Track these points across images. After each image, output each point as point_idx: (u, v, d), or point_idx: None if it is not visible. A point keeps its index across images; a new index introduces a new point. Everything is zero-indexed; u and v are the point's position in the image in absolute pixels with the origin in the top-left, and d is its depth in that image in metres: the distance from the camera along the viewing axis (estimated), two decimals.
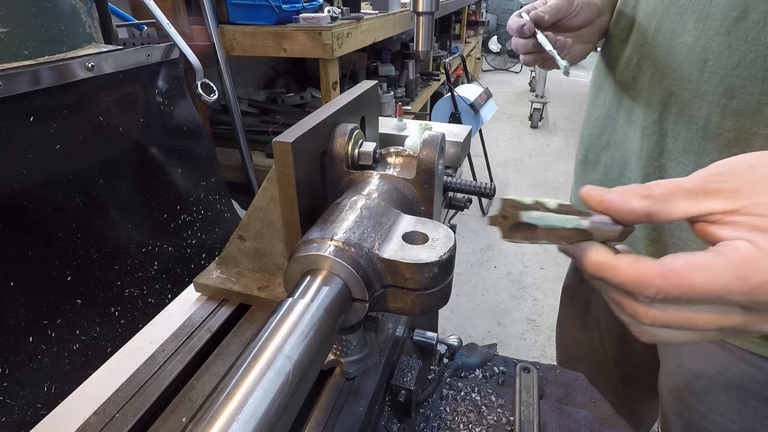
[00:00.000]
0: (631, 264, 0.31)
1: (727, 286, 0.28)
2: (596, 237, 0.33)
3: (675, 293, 0.29)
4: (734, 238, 0.29)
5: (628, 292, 0.31)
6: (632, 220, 0.32)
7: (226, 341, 0.58)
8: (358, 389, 0.51)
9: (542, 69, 0.90)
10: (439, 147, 0.50)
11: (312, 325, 0.35)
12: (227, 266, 0.68)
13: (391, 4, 2.20)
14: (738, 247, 0.28)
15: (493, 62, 7.64)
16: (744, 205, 0.29)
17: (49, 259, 0.86)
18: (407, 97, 2.96)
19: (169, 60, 1.13)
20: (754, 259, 0.28)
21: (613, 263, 0.31)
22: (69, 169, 0.89)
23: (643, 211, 0.31)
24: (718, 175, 0.31)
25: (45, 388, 0.82)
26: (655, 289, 0.29)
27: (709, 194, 0.30)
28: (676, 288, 0.29)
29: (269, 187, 0.59)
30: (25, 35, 0.83)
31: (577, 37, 0.75)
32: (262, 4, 1.57)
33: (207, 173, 1.24)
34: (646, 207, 0.31)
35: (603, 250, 0.33)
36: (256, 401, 0.29)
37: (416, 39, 0.66)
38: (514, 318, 2.36)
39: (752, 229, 0.28)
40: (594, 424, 0.61)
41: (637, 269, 0.30)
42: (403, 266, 0.39)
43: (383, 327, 0.59)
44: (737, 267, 0.28)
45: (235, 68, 1.77)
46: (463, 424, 0.62)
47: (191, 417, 0.29)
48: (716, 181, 0.31)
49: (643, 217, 0.31)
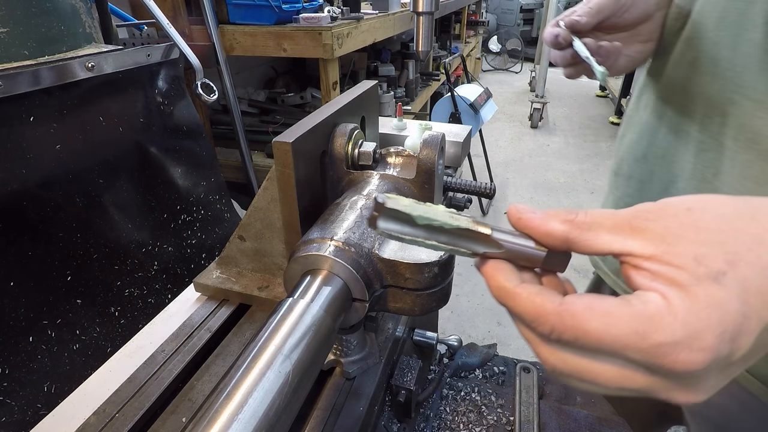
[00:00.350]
0: (531, 295, 0.28)
1: (622, 339, 0.25)
2: (518, 260, 0.31)
3: (568, 336, 0.26)
4: (648, 288, 0.26)
5: (528, 325, 0.29)
6: (550, 244, 0.30)
7: (226, 341, 0.58)
8: (358, 389, 0.51)
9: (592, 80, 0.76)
10: (439, 147, 0.50)
11: (312, 325, 0.35)
12: (227, 266, 0.68)
13: (391, 4, 2.20)
14: (647, 300, 0.25)
15: (493, 62, 7.64)
16: (665, 252, 0.26)
17: (49, 259, 0.86)
18: (407, 97, 2.96)
19: (169, 60, 1.13)
20: (658, 316, 0.24)
21: (514, 291, 0.29)
22: (69, 169, 0.89)
23: (562, 236, 0.29)
24: (648, 212, 0.28)
25: (45, 388, 0.82)
26: (549, 327, 0.27)
27: (634, 232, 0.27)
28: (569, 330, 0.26)
29: (269, 187, 0.59)
30: (25, 35, 0.84)
31: (633, 36, 0.64)
32: (262, 4, 1.57)
33: (207, 173, 1.24)
34: (565, 232, 0.29)
35: (509, 273, 0.30)
36: (256, 401, 0.29)
37: (416, 39, 0.66)
38: None
39: (668, 281, 0.25)
40: (594, 424, 0.61)
41: (534, 301, 0.28)
42: (403, 266, 0.39)
43: (383, 327, 0.59)
44: (637, 321, 0.25)
45: (235, 68, 1.77)
46: (463, 424, 0.62)
47: (191, 417, 0.29)
48: (644, 219, 0.27)
49: (562, 242, 0.29)
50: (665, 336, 0.24)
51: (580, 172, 3.86)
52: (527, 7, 7.82)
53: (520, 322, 0.30)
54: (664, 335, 0.24)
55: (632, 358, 0.25)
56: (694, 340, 0.24)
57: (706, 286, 0.24)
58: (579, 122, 5.10)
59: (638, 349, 0.25)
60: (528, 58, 7.36)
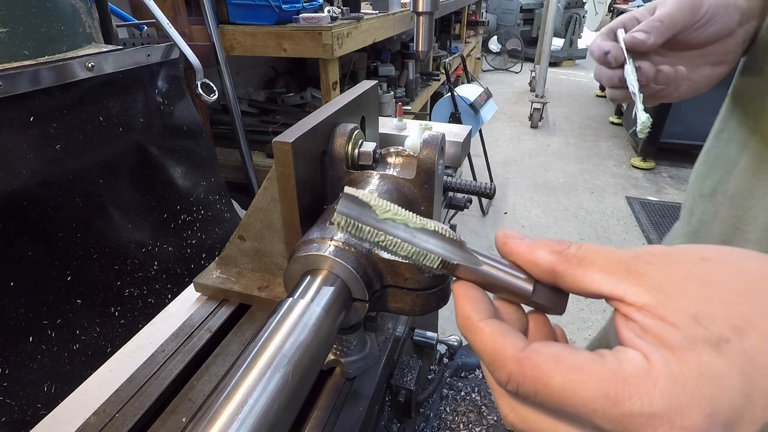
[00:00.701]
0: (494, 333, 0.25)
1: (590, 402, 0.21)
2: (498, 290, 0.28)
3: (527, 389, 0.23)
4: (631, 345, 0.22)
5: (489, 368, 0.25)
6: (535, 273, 0.26)
7: (226, 341, 0.58)
8: (358, 389, 0.51)
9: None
10: (439, 147, 0.50)
11: (312, 325, 0.35)
12: (227, 266, 0.68)
13: (391, 4, 2.20)
14: (626, 359, 0.21)
15: (493, 62, 7.64)
16: (660, 303, 0.22)
17: (49, 259, 0.86)
18: (407, 97, 2.96)
19: (169, 60, 1.13)
20: (634, 379, 0.20)
21: (476, 325, 0.26)
22: (69, 169, 0.89)
23: (548, 267, 0.25)
24: (651, 255, 0.24)
25: (45, 388, 0.82)
26: (506, 375, 0.23)
27: (630, 275, 0.23)
28: (529, 382, 0.23)
29: (269, 187, 0.59)
30: (25, 35, 0.84)
31: (703, 56, 0.51)
32: (262, 4, 1.57)
33: (207, 173, 1.24)
34: (552, 264, 0.25)
35: (480, 304, 0.27)
36: (256, 401, 0.29)
37: (416, 39, 0.66)
38: None
39: (655, 339, 0.21)
40: None
41: (496, 342, 0.24)
42: (403, 266, 0.39)
43: (383, 327, 0.59)
44: (609, 382, 0.21)
45: (235, 68, 1.77)
46: (463, 424, 0.62)
47: (191, 417, 0.29)
48: (645, 261, 0.23)
49: (547, 274, 0.26)
50: (640, 405, 0.20)
51: (580, 172, 3.86)
52: (527, 7, 7.82)
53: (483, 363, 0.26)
54: (639, 404, 0.20)
55: (600, 426, 0.21)
56: (676, 415, 0.19)
57: (700, 353, 0.20)
58: (579, 122, 5.10)
59: (607, 416, 0.21)
60: (528, 58, 7.37)
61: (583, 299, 2.47)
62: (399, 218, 0.28)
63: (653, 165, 3.89)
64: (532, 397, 0.23)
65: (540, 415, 0.24)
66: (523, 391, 0.23)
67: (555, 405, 0.22)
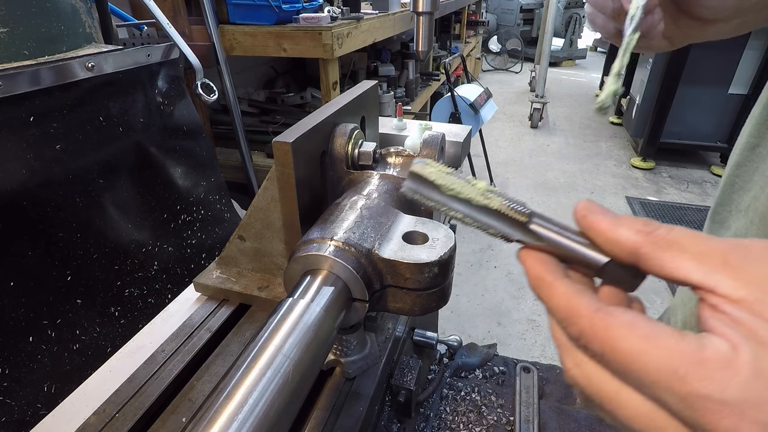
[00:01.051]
0: (569, 292, 0.25)
1: (654, 374, 0.21)
2: (567, 258, 0.28)
3: (595, 347, 0.23)
4: (719, 333, 0.21)
5: (559, 323, 0.25)
6: (615, 253, 0.25)
7: (226, 341, 0.58)
8: (358, 389, 0.51)
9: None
10: (439, 147, 0.50)
11: (312, 325, 0.35)
12: (227, 266, 0.68)
13: (391, 4, 2.20)
14: (709, 343, 0.21)
15: (493, 62, 7.64)
16: (757, 300, 0.21)
17: (49, 259, 0.86)
18: (407, 97, 2.97)
19: (169, 60, 1.13)
20: (714, 364, 0.20)
21: (552, 283, 0.26)
22: (69, 169, 0.89)
23: (631, 247, 0.24)
24: (751, 249, 0.22)
25: (45, 388, 0.82)
26: (578, 331, 0.24)
27: (726, 267, 0.22)
28: (598, 341, 0.23)
29: (269, 187, 0.59)
30: (25, 35, 0.84)
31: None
32: (262, 4, 1.57)
33: (207, 173, 1.24)
34: (637, 244, 0.24)
35: (552, 265, 0.27)
36: (256, 401, 0.29)
37: (416, 39, 0.66)
38: (514, 318, 2.36)
39: (748, 334, 0.20)
40: (594, 424, 0.61)
41: (570, 300, 0.24)
42: (403, 266, 0.39)
43: (383, 327, 0.59)
44: (683, 360, 0.20)
45: (235, 68, 1.77)
46: (463, 424, 0.62)
47: (191, 417, 0.29)
48: (744, 256, 0.22)
49: (629, 255, 0.25)
50: (711, 389, 0.19)
51: (580, 172, 3.86)
52: (527, 7, 7.82)
53: (554, 320, 0.26)
54: (710, 388, 0.19)
55: (664, 399, 0.21)
56: (751, 409, 0.19)
57: None
58: (579, 122, 5.10)
59: (672, 391, 0.20)
60: (528, 58, 7.37)
61: None
62: (463, 195, 0.29)
63: (653, 165, 3.89)
64: (599, 357, 0.23)
65: (606, 375, 0.24)
66: (591, 349, 0.23)
67: (620, 367, 0.22)
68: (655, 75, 3.63)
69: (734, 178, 0.61)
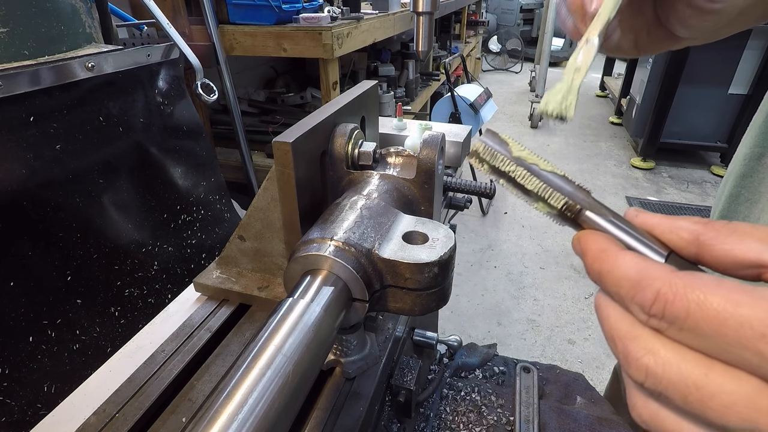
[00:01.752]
0: (638, 258, 0.23)
1: (757, 324, 0.18)
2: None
3: (676, 309, 0.20)
4: None
5: (622, 301, 0.23)
6: (674, 242, 0.24)
7: (226, 341, 0.58)
8: (358, 389, 0.51)
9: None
10: (439, 147, 0.50)
11: (312, 325, 0.35)
12: (227, 266, 0.68)
13: (391, 4, 2.20)
14: None
15: (493, 62, 7.64)
16: None
17: (49, 259, 0.86)
18: (407, 97, 2.97)
19: (169, 60, 1.13)
20: None
21: (619, 253, 0.24)
22: (69, 169, 0.89)
23: (691, 236, 0.23)
24: None
25: (45, 388, 0.82)
26: (653, 294, 0.21)
27: None
28: (679, 301, 0.20)
29: (269, 187, 0.59)
30: (25, 35, 0.84)
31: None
32: (262, 4, 1.57)
33: (207, 173, 1.24)
34: (697, 232, 0.23)
35: (614, 241, 0.25)
36: (256, 401, 0.29)
37: (416, 39, 0.66)
38: (514, 318, 2.36)
39: None
40: (594, 424, 0.61)
41: (639, 264, 0.22)
42: (403, 266, 0.39)
43: (383, 327, 0.59)
44: None
45: (235, 68, 1.77)
46: (463, 424, 0.62)
47: (191, 417, 0.29)
48: None
49: (689, 243, 0.23)
50: None
51: (580, 172, 3.86)
52: (527, 7, 7.82)
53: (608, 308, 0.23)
54: None
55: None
56: None
57: None
58: (579, 122, 5.10)
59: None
60: (528, 58, 7.37)
61: (583, 299, 2.47)
62: (531, 159, 0.30)
63: (653, 165, 3.89)
64: (682, 320, 0.20)
65: (689, 353, 0.20)
66: (671, 313, 0.20)
67: (711, 329, 0.19)
68: (655, 75, 3.63)
69: (740, 189, 0.60)
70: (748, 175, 0.59)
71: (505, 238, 3.02)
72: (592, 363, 2.11)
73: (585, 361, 2.13)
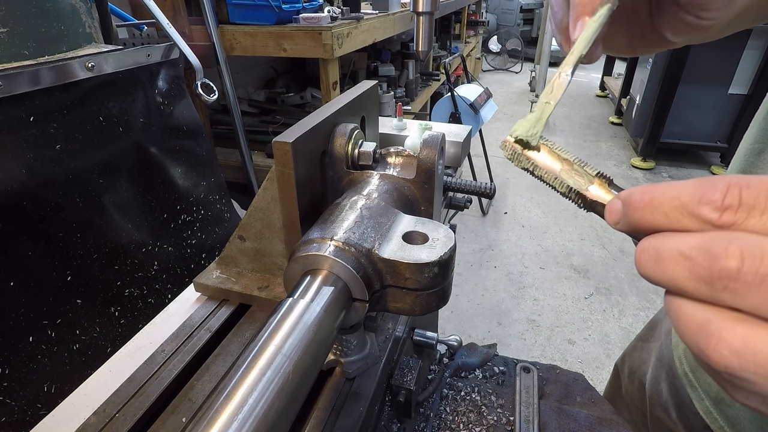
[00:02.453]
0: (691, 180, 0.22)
1: None
2: None
3: (753, 192, 0.19)
4: None
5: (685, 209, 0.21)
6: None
7: (226, 341, 0.58)
8: (358, 389, 0.51)
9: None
10: (439, 147, 0.50)
11: (312, 325, 0.35)
12: (227, 266, 0.68)
13: (391, 4, 2.20)
14: None
15: (493, 62, 7.64)
16: None
17: (49, 259, 0.86)
18: (407, 97, 2.97)
19: (169, 60, 1.13)
20: None
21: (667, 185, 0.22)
22: (69, 169, 0.89)
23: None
24: None
25: (45, 388, 0.82)
26: (724, 185, 0.19)
27: None
28: (755, 183, 0.19)
29: (269, 187, 0.59)
30: (25, 35, 0.84)
31: None
32: (262, 4, 1.57)
33: (207, 173, 1.24)
34: None
35: None
36: (256, 401, 0.29)
37: (416, 39, 0.66)
38: (514, 318, 2.36)
39: None
40: (594, 424, 0.61)
41: (695, 180, 0.21)
42: (403, 266, 0.39)
43: (383, 327, 0.59)
44: None
45: (235, 68, 1.77)
46: (463, 424, 0.62)
47: (191, 417, 0.29)
48: None
49: None
50: None
51: None
52: (527, 7, 7.83)
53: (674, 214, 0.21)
54: None
55: None
56: None
57: None
58: (579, 122, 5.10)
59: None
60: (528, 58, 7.37)
61: (583, 300, 2.47)
62: (555, 148, 0.32)
63: (653, 165, 3.89)
64: (763, 202, 0.19)
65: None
66: (748, 195, 0.19)
67: None
68: (655, 75, 3.63)
69: None
70: (747, 170, 0.59)
71: (505, 238, 3.02)
72: (592, 363, 2.12)
73: (585, 361, 2.13)
